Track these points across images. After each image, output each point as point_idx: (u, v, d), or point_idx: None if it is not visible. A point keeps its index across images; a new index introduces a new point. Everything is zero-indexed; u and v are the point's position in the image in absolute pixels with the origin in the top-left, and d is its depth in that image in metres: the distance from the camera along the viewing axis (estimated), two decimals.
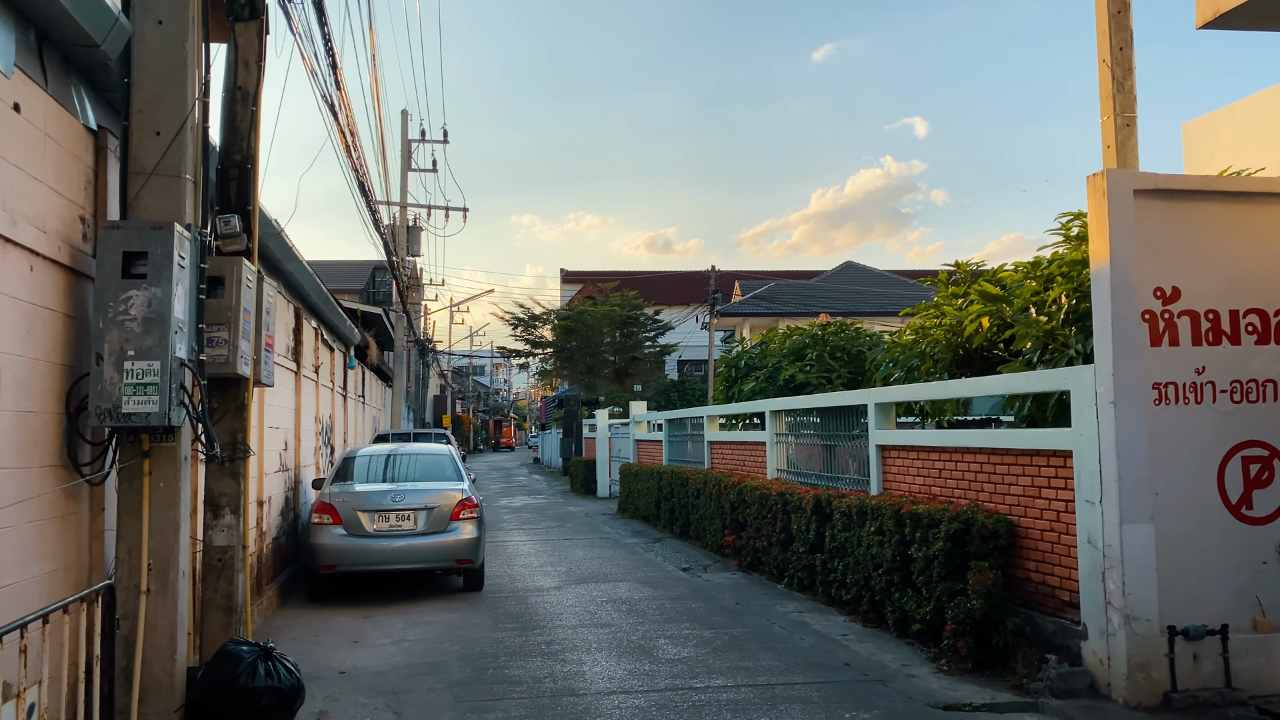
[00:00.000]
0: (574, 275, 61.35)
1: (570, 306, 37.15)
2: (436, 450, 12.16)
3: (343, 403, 17.76)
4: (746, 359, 16.32)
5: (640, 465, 19.82)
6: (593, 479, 27.53)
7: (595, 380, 36.08)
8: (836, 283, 44.76)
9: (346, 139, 11.53)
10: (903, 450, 9.15)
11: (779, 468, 12.73)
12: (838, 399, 10.56)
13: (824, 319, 15.80)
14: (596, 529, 17.99)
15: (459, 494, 10.73)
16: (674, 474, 16.15)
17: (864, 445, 10.02)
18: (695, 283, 58.34)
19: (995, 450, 7.62)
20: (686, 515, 15.38)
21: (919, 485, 8.85)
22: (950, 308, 9.53)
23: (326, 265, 42.22)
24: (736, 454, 14.51)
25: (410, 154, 30.15)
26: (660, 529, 17.13)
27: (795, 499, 10.59)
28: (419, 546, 10.32)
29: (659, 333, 37.49)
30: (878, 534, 8.61)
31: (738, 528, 12.62)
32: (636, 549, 14.84)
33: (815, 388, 14.54)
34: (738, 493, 12.54)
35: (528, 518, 20.62)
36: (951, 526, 7.42)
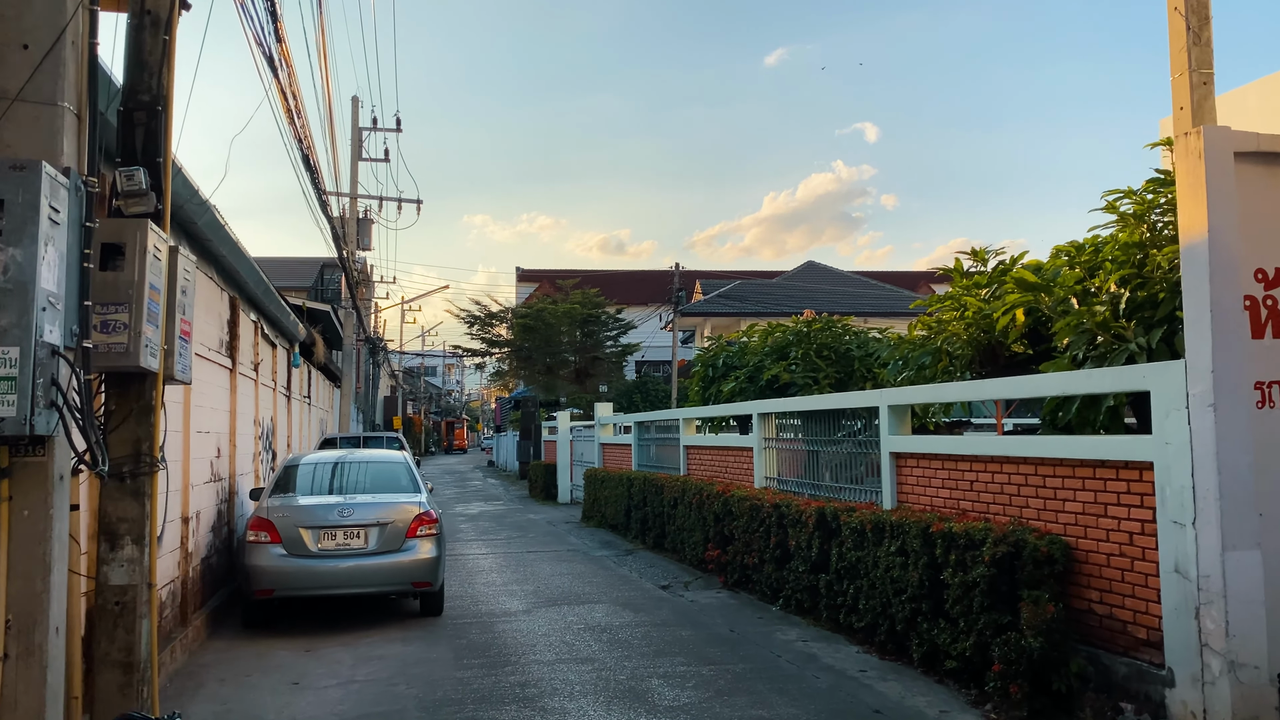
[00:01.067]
0: (530, 274, 59.93)
1: (529, 304, 35.84)
2: (389, 457, 10.89)
3: (286, 404, 16.38)
4: (725, 357, 15.21)
5: (607, 470, 18.66)
6: (553, 484, 26.30)
7: (555, 381, 34.81)
8: (798, 282, 43.94)
9: (289, 102, 10.18)
10: (923, 459, 8.09)
11: (768, 476, 11.64)
12: (843, 400, 9.49)
13: (809, 315, 14.75)
14: (561, 539, 16.78)
15: (415, 507, 9.49)
16: (647, 481, 15.01)
17: (874, 452, 8.96)
18: (654, 282, 57.24)
19: (1047, 460, 6.57)
20: (661, 526, 14.24)
21: (944, 499, 7.79)
22: (972, 299, 8.49)
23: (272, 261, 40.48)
24: (717, 460, 13.40)
25: (361, 142, 28.69)
26: (631, 540, 15.97)
27: (793, 512, 9.50)
28: (370, 568, 9.06)
29: (621, 332, 36.30)
30: (899, 555, 7.54)
31: (723, 541, 11.51)
32: (608, 563, 13.67)
33: (801, 389, 13.47)
34: (723, 503, 11.43)
35: (486, 526, 19.35)
36: (998, 550, 6.35)
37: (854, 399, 9.20)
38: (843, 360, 13.82)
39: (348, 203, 28.02)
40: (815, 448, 10.41)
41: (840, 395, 9.58)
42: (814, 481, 10.52)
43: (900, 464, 8.48)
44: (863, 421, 9.26)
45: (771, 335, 14.72)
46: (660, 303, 46.59)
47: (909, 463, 8.34)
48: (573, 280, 38.66)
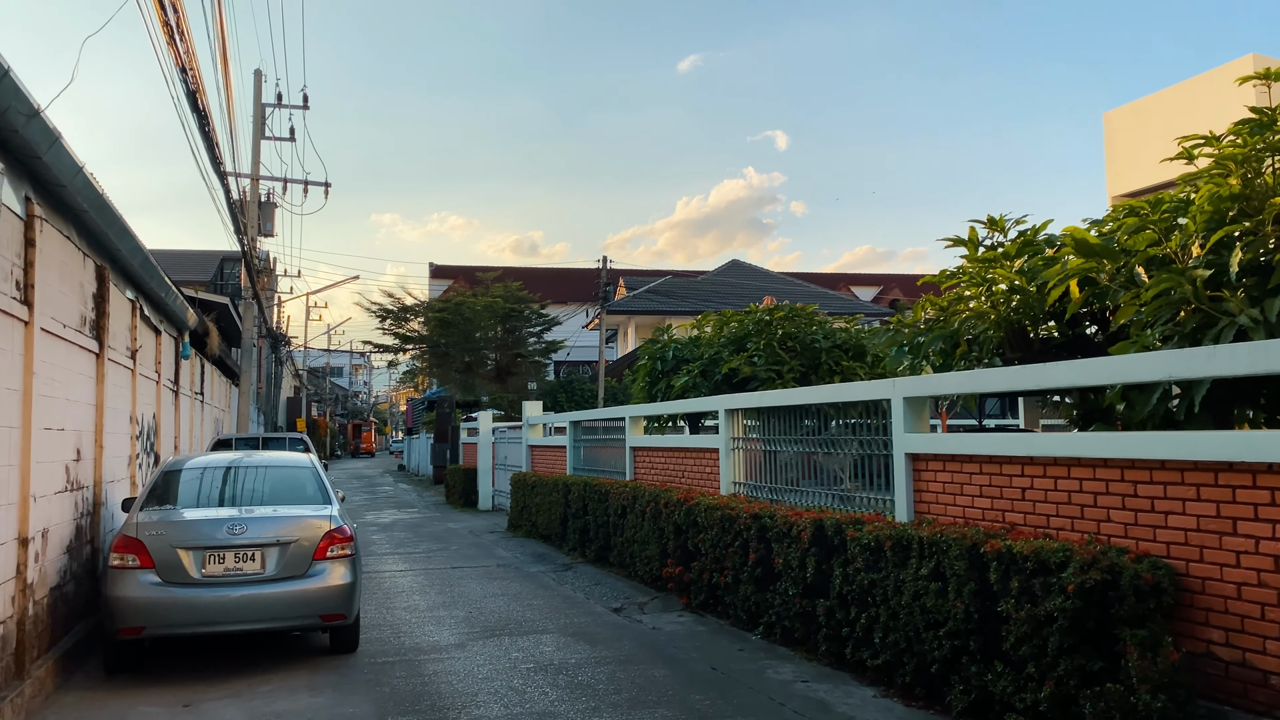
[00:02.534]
0: (444, 270, 57.67)
1: (446, 298, 33.80)
2: (294, 461, 9.09)
3: (174, 400, 14.34)
4: (675, 350, 13.74)
5: (538, 475, 17.01)
6: (473, 489, 24.50)
7: (473, 380, 32.86)
8: (725, 278, 42.82)
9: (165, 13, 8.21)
10: (952, 461, 6.71)
11: (736, 480, 10.18)
12: (840, 393, 8.07)
13: (769, 302, 13.38)
14: (489, 551, 15.07)
15: (325, 522, 7.75)
16: (588, 487, 13.43)
17: (881, 453, 7.57)
18: (576, 280, 55.63)
19: (1141, 463, 5.22)
20: (606, 537, 12.68)
21: (982, 511, 6.41)
22: (1002, 271, 7.15)
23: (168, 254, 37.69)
24: (672, 463, 11.89)
25: (264, 119, 26.42)
26: (567, 552, 14.36)
27: (780, 524, 8.05)
28: (268, 598, 7.29)
29: (545, 328, 34.52)
30: (933, 579, 6.13)
31: (685, 557, 10.01)
32: (546, 580, 12.05)
33: (763, 383, 12.08)
34: (686, 513, 9.92)
35: (402, 537, 17.50)
36: (1087, 577, 4.98)
37: (856, 390, 7.78)
38: (808, 352, 12.48)
39: (249, 184, 25.76)
40: (798, 448, 8.98)
41: (838, 387, 8.15)
42: (794, 487, 9.11)
43: (919, 467, 7.09)
44: (870, 417, 7.86)
45: (727, 325, 13.30)
46: (582, 301, 45.07)
47: (931, 466, 6.95)
48: (493, 273, 36.75)
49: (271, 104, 26.85)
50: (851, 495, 8.08)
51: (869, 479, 7.94)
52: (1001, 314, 7.16)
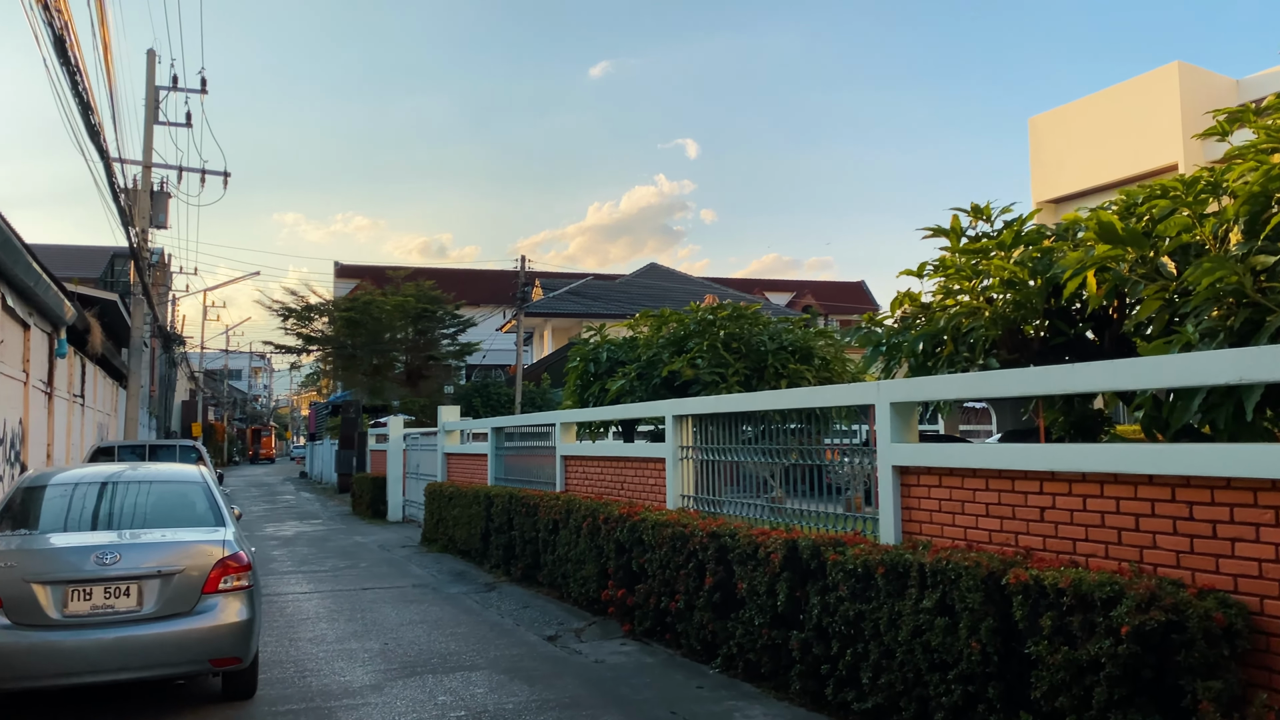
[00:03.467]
0: (350, 270, 55.63)
1: (354, 296, 32.13)
2: (181, 474, 7.84)
3: (47, 403, 12.81)
4: (609, 351, 12.79)
5: (455, 485, 15.85)
6: (382, 500, 23.13)
7: (382, 383, 31.29)
8: (645, 280, 42.04)
9: None
10: (951, 476, 5.90)
11: (685, 493, 9.27)
12: (815, 397, 7.21)
13: (711, 300, 12.53)
14: (402, 569, 13.88)
15: (217, 548, 6.56)
16: (513, 499, 12.36)
17: (864, 467, 6.74)
18: (489, 281, 54.24)
19: (1199, 480, 4.45)
20: (534, 554, 11.64)
21: (987, 532, 5.62)
22: (999, 261, 6.39)
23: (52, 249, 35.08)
24: (610, 474, 10.93)
25: (158, 103, 24.59)
26: (490, 570, 13.27)
27: (744, 544, 7.17)
28: (146, 641, 6.09)
29: (460, 329, 33.11)
30: (940, 613, 5.31)
31: (629, 579, 9.05)
32: (468, 603, 10.96)
33: (706, 387, 11.21)
34: (629, 529, 8.97)
35: (306, 553, 16.14)
36: (1148, 618, 4.19)
37: (834, 395, 6.93)
38: (753, 354, 11.66)
39: (140, 172, 23.94)
40: (760, 459, 8.11)
41: (811, 391, 7.28)
42: (755, 502, 8.24)
43: (908, 482, 6.27)
44: (841, 424, 7.04)
45: (666, 325, 12.41)
46: (496, 303, 43.78)
47: (924, 481, 6.13)
48: (403, 273, 35.17)
49: (166, 86, 25.06)
50: (821, 512, 7.23)
51: (852, 494, 7.12)
52: (998, 310, 6.40)
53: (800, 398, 7.31)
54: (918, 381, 6.14)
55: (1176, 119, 20.32)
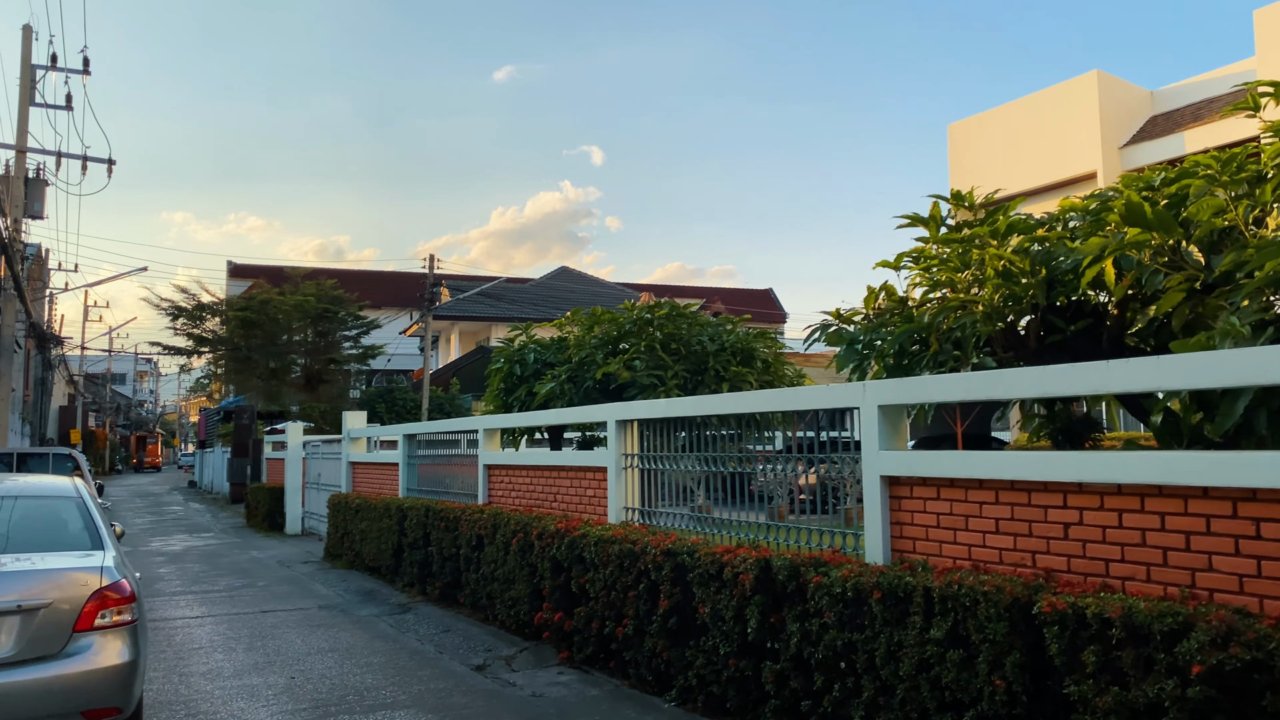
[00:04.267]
0: (244, 270, 53.18)
1: (251, 294, 30.34)
2: (52, 489, 6.71)
3: None
4: (536, 353, 11.94)
5: (363, 497, 14.75)
6: (280, 511, 21.73)
7: (280, 388, 29.63)
8: (555, 285, 41.12)
9: None
10: (950, 487, 5.26)
11: (629, 505, 8.50)
12: (789, 399, 6.50)
13: (647, 299, 11.81)
14: (306, 588, 12.75)
15: (94, 576, 5.50)
16: (430, 512, 11.40)
17: (848, 476, 6.07)
18: (392, 284, 52.50)
19: (1266, 493, 3.88)
20: (454, 573, 10.71)
21: (997, 551, 4.99)
22: (994, 250, 5.80)
23: None
24: (541, 484, 10.07)
25: (34, 83, 22.75)
26: (403, 588, 12.26)
27: (707, 564, 6.43)
28: (3, 692, 5.02)
29: (363, 331, 31.61)
30: (952, 645, 4.66)
31: (568, 600, 8.23)
32: (382, 626, 9.98)
33: (644, 390, 10.47)
34: (568, 546, 8.15)
35: (198, 570, 14.82)
36: (1226, 656, 3.58)
37: (812, 397, 6.23)
38: (693, 356, 10.97)
39: (13, 157, 22.09)
40: (719, 469, 7.38)
41: (785, 393, 6.57)
42: (711, 515, 7.52)
43: (899, 494, 5.62)
44: (820, 429, 6.36)
45: (599, 324, 11.63)
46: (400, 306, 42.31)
47: (918, 493, 5.48)
48: (302, 271, 33.47)
49: (44, 66, 23.26)
50: (794, 527, 6.53)
51: (818, 507, 6.45)
52: (992, 304, 5.80)
53: (769, 400, 6.61)
54: (912, 382, 5.50)
55: (1096, 127, 20.45)
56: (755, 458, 7.01)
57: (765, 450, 7.45)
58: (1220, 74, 19.81)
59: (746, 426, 8.35)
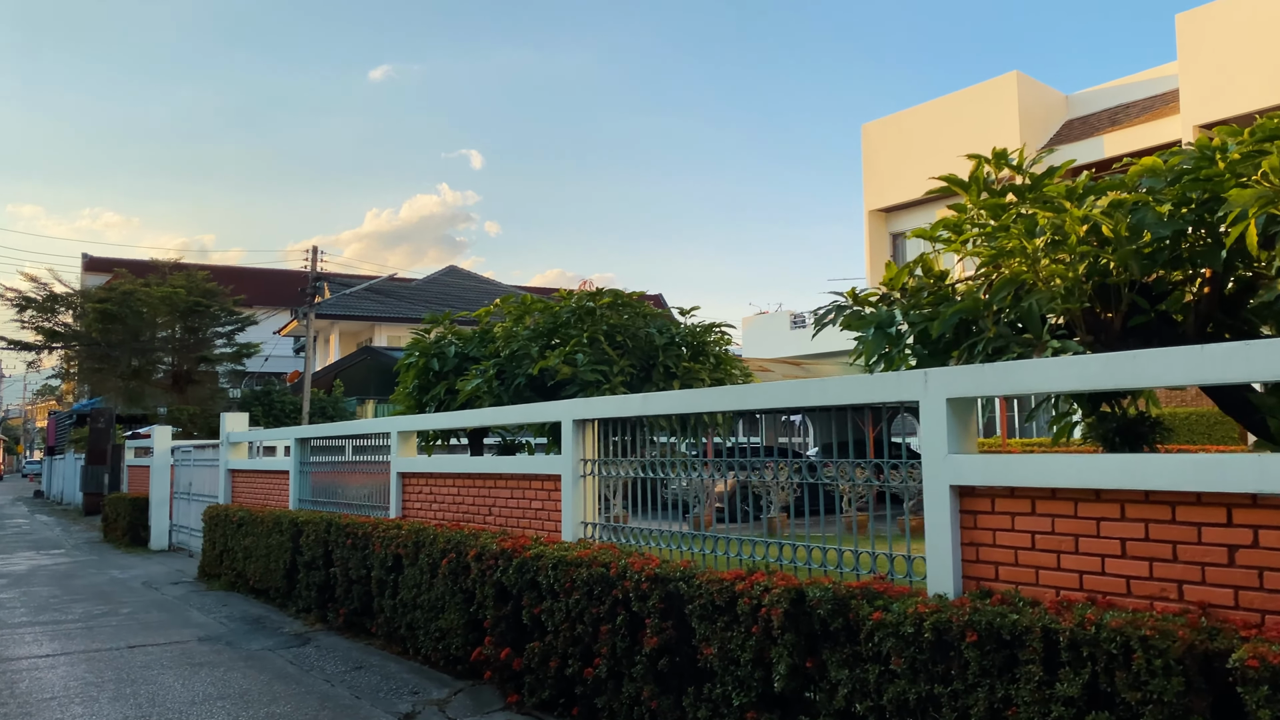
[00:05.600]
0: (102, 263, 49.38)
1: (113, 284, 27.59)
2: None
3: None
4: (457, 346, 10.55)
5: (246, 509, 13.01)
6: (143, 524, 19.55)
7: (143, 388, 27.02)
8: (445, 282, 39.29)
9: None
10: (1054, 499, 4.21)
11: (588, 520, 7.24)
12: (837, 391, 5.33)
13: (586, 286, 10.56)
14: (180, 615, 11.01)
15: None
16: (333, 527, 9.87)
17: (905, 485, 4.98)
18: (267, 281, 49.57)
19: None
20: (364, 597, 9.23)
21: (1120, 580, 3.96)
22: (1078, 212, 4.80)
23: None
24: (472, 495, 8.70)
25: None
26: (297, 614, 10.67)
27: (713, 593, 5.25)
28: None
29: (238, 327, 29.17)
30: (1092, 703, 3.60)
31: (517, 634, 6.92)
32: (279, 663, 8.44)
33: (586, 387, 9.23)
34: (518, 569, 6.84)
35: (47, 595, 12.81)
36: None
37: (864, 388, 5.08)
38: (641, 350, 9.80)
39: None
40: (715, 476, 6.20)
41: (835, 382, 5.39)
42: (709, 534, 6.34)
43: (973, 508, 4.55)
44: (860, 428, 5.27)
45: (530, 313, 10.33)
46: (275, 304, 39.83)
47: (1002, 506, 4.42)
48: (169, 263, 30.76)
49: None
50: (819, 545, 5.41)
51: (734, 516, 5.34)
52: (1078, 277, 4.80)
53: (795, 394, 5.46)
54: (998, 369, 4.43)
55: (1015, 128, 20.18)
56: (763, 465, 5.86)
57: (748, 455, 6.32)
58: (1137, 79, 19.80)
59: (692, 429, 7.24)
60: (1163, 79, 19.13)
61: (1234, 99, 16.31)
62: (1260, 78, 16.01)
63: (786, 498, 6.29)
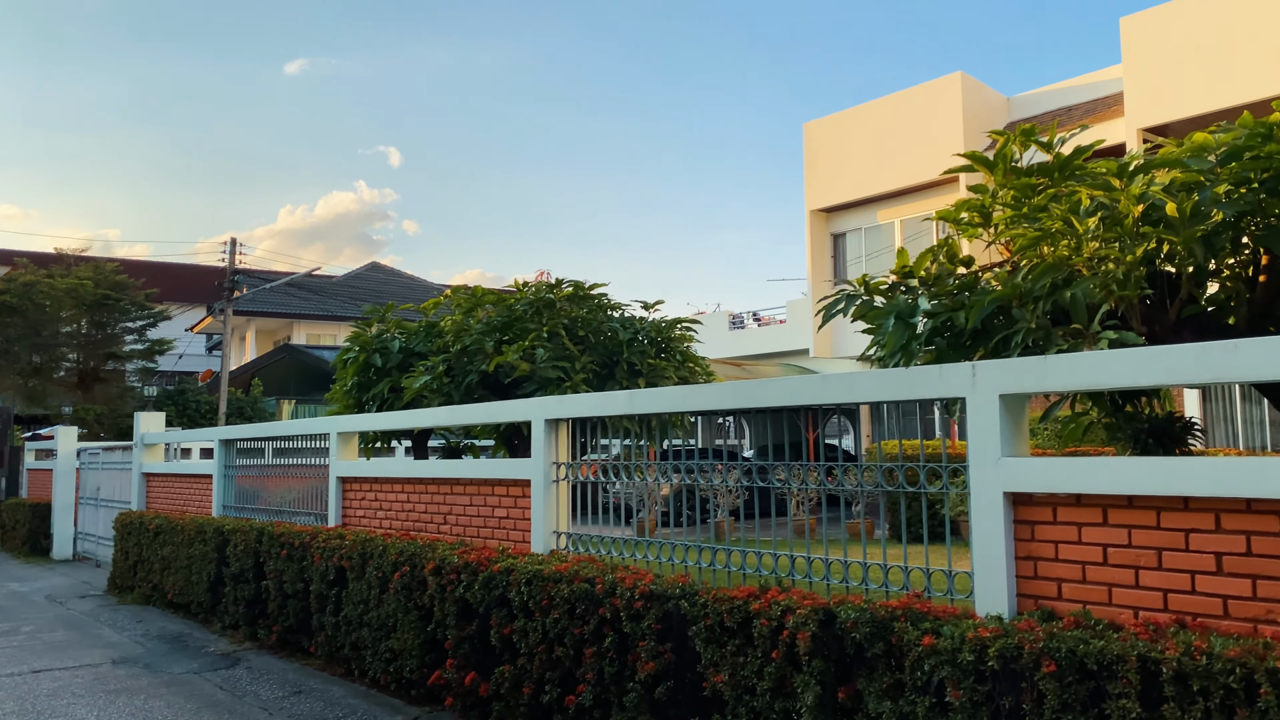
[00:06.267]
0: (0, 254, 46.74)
1: (11, 275, 25.84)
2: None
3: None
4: (402, 341, 9.80)
5: (164, 516, 12.02)
6: (45, 532, 18.21)
7: (45, 386, 25.38)
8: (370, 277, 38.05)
9: None
10: (1129, 508, 3.73)
11: (560, 529, 6.60)
12: (853, 388, 4.79)
13: (543, 276, 9.92)
14: (90, 633, 10.02)
15: None
16: (266, 537, 9.03)
17: (947, 492, 4.46)
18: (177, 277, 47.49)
19: None
20: (302, 613, 8.43)
21: (1216, 600, 3.50)
22: (1135, 189, 4.36)
23: None
24: (424, 503, 7.98)
25: None
26: (223, 631, 9.79)
27: (724, 612, 4.68)
28: None
29: (150, 323, 27.57)
30: None
31: (484, 656, 6.25)
32: (207, 688, 7.60)
33: (546, 386, 8.60)
34: (483, 585, 6.18)
35: None
36: None
37: (893, 383, 4.55)
38: (603, 346, 9.21)
39: None
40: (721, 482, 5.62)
41: (842, 379, 4.84)
42: (709, 544, 5.76)
43: (1031, 518, 4.05)
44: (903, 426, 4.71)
45: (481, 306, 9.64)
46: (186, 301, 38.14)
47: (1065, 516, 3.93)
48: (75, 253, 29.02)
49: None
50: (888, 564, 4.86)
51: (672, 520, 4.81)
52: (1136, 260, 4.34)
53: (820, 390, 4.88)
54: (1063, 361, 3.94)
55: (959, 129, 20.08)
56: (773, 469, 5.30)
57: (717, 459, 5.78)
58: (1079, 82, 19.86)
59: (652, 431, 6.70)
60: (1105, 82, 19.21)
61: (1179, 103, 16.38)
62: (1206, 82, 16.09)
63: (736, 501, 5.88)
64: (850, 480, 4.84)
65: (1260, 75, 15.41)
